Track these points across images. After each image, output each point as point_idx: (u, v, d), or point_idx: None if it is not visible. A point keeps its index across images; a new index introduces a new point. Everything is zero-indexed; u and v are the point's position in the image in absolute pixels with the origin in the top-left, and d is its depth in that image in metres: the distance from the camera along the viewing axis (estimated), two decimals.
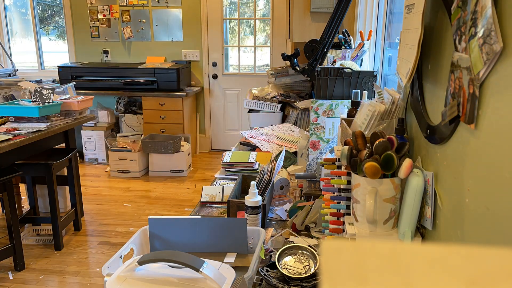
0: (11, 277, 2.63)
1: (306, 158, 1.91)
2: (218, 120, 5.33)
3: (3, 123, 2.76)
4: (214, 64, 5.19)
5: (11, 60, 5.12)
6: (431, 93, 0.96)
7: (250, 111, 2.97)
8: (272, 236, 1.39)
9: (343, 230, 1.09)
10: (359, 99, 1.58)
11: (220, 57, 5.17)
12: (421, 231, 0.98)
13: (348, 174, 1.06)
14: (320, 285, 0.26)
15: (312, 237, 1.37)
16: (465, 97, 0.70)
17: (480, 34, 0.64)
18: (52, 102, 2.85)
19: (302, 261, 1.17)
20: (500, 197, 0.60)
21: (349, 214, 1.07)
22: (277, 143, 2.30)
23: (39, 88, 2.84)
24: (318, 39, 2.17)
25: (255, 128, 2.57)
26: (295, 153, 2.17)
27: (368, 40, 2.42)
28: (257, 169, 1.94)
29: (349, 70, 1.96)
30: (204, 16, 5.00)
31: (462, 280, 0.26)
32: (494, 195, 0.63)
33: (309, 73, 2.16)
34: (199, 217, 1.21)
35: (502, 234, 0.60)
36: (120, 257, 1.07)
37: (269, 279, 1.10)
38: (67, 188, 3.33)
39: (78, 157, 3.51)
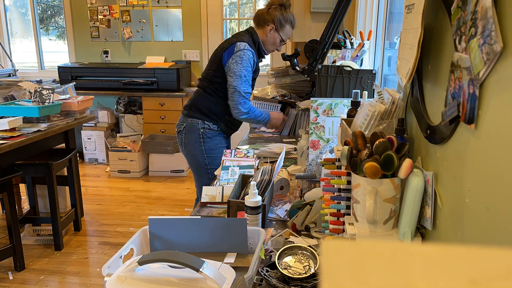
0: (11, 277, 2.63)
1: (306, 158, 1.91)
2: None
3: None
4: None
5: (11, 60, 5.11)
6: (431, 93, 0.96)
7: None
8: (272, 236, 1.39)
9: (343, 230, 1.09)
10: (359, 99, 1.58)
11: None
12: (421, 231, 0.98)
13: (348, 174, 1.06)
14: (320, 285, 0.26)
15: (312, 237, 1.37)
16: (465, 97, 0.70)
17: (480, 34, 0.64)
18: (52, 102, 2.85)
19: (302, 261, 1.16)
20: (500, 197, 0.60)
21: (349, 214, 1.07)
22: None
23: (39, 88, 2.84)
24: (318, 39, 2.17)
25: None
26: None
27: (368, 40, 2.42)
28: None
29: (349, 68, 1.97)
30: (204, 16, 5.00)
31: (462, 280, 0.26)
32: (494, 195, 0.62)
33: (309, 73, 2.16)
34: (199, 217, 1.21)
35: (502, 234, 0.60)
36: (120, 257, 1.07)
37: (269, 279, 1.10)
38: (67, 188, 3.33)
39: (78, 157, 3.51)
